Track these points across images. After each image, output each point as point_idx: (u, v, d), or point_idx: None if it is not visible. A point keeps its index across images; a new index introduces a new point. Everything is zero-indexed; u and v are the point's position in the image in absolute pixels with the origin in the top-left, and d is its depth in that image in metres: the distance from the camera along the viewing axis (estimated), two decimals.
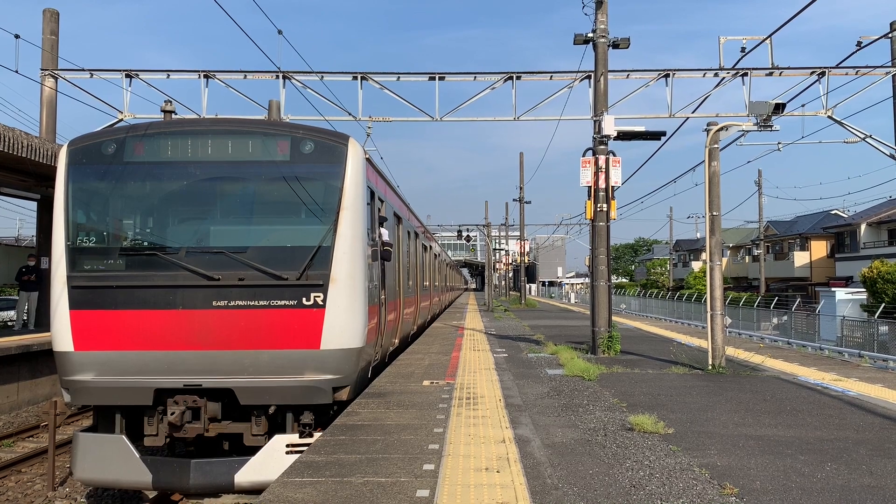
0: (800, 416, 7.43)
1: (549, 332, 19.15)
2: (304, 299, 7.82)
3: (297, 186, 8.11)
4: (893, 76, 17.94)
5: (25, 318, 18.43)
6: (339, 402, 8.07)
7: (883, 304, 27.71)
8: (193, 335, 7.75)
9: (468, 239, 60.22)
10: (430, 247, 22.64)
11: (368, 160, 9.03)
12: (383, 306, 10.23)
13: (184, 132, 8.39)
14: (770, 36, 15.25)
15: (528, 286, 61.04)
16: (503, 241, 64.99)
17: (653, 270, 77.05)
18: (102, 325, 7.81)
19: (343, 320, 7.93)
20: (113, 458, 7.72)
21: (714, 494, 4.77)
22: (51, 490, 8.98)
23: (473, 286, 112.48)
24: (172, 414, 7.59)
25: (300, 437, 7.77)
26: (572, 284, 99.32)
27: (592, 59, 13.90)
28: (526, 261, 52.26)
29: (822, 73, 18.35)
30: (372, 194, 9.29)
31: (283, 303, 7.80)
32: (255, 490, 7.09)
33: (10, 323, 20.23)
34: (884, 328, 24.49)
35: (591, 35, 13.71)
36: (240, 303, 7.80)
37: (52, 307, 7.98)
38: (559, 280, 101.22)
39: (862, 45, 16.10)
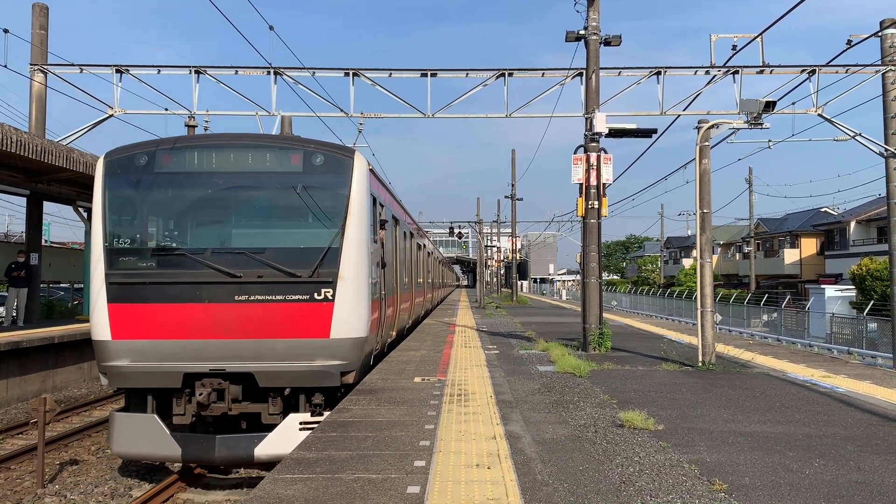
0: (789, 413, 7.48)
1: (540, 329, 19.18)
2: (315, 294, 8.78)
3: (308, 194, 9.10)
4: (883, 74, 18.02)
5: (14, 314, 18.32)
6: (345, 385, 8.99)
7: (872, 302, 27.91)
8: (218, 325, 8.66)
9: (460, 236, 60.28)
10: (424, 245, 23.39)
11: (371, 170, 9.96)
12: (383, 301, 11.08)
13: (208, 146, 9.36)
14: (761, 34, 15.29)
15: (519, 283, 61.05)
16: (495, 237, 64.99)
17: (644, 267, 77.32)
18: (137, 316, 8.72)
19: (349, 313, 8.88)
20: (146, 435, 8.66)
21: (703, 490, 4.80)
22: (40, 487, 8.93)
23: (465, 283, 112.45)
24: (201, 395, 8.47)
25: (312, 415, 8.70)
26: (564, 281, 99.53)
27: (584, 57, 13.91)
28: (518, 258, 52.29)
29: (813, 72, 18.41)
30: (374, 200, 10.18)
31: (296, 297, 8.76)
32: (272, 462, 7.52)
33: None
34: (872, 325, 24.68)
35: (582, 32, 13.70)
36: (259, 297, 8.73)
37: (92, 301, 8.89)
38: (551, 277, 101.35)
39: (852, 44, 16.12)
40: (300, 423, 8.57)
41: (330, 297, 8.78)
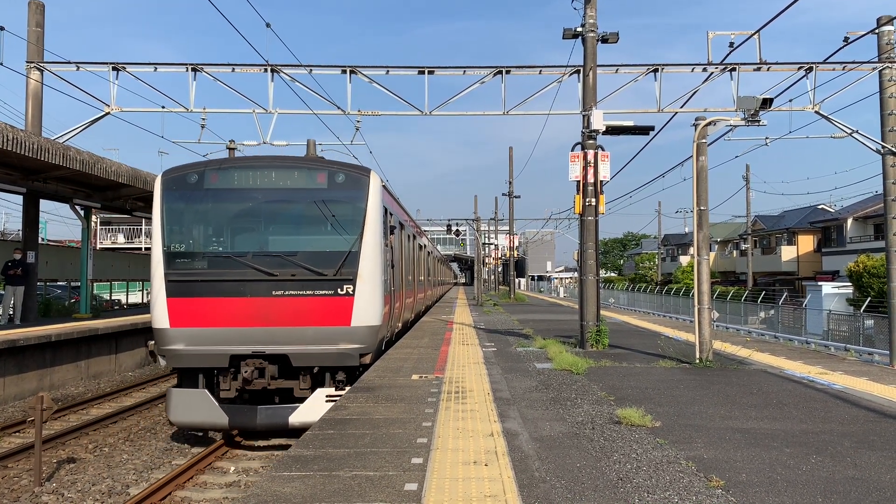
0: (786, 410, 7.49)
1: (537, 327, 19.19)
2: (338, 290, 10.47)
3: (333, 207, 10.82)
4: (880, 71, 18.02)
5: (11, 312, 18.27)
6: (363, 365, 10.59)
7: (869, 299, 27.94)
8: (258, 316, 10.32)
9: (458, 233, 60.25)
10: (424, 245, 25.05)
11: (384, 186, 11.68)
12: (392, 296, 12.74)
13: (248, 166, 11.11)
14: (758, 31, 15.32)
15: (517, 280, 61.06)
16: (493, 235, 65.00)
17: (641, 265, 77.33)
18: (191, 308, 10.36)
19: (366, 305, 10.58)
20: (198, 407, 10.30)
21: (700, 487, 4.81)
22: (37, 485, 8.91)
23: (463, 280, 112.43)
24: (246, 372, 10.03)
25: (335, 389, 10.27)
26: (561, 279, 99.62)
27: (582, 54, 13.90)
28: (515, 255, 52.29)
29: (810, 69, 18.40)
30: (385, 211, 11.79)
31: (323, 292, 10.47)
32: (303, 428, 8.35)
33: None
34: (869, 322, 24.72)
35: (580, 29, 13.69)
36: (292, 292, 10.44)
37: (153, 296, 10.62)
38: (548, 274, 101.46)
39: (849, 41, 16.11)
40: (326, 396, 10.17)
41: (350, 292, 10.49)
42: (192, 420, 10.54)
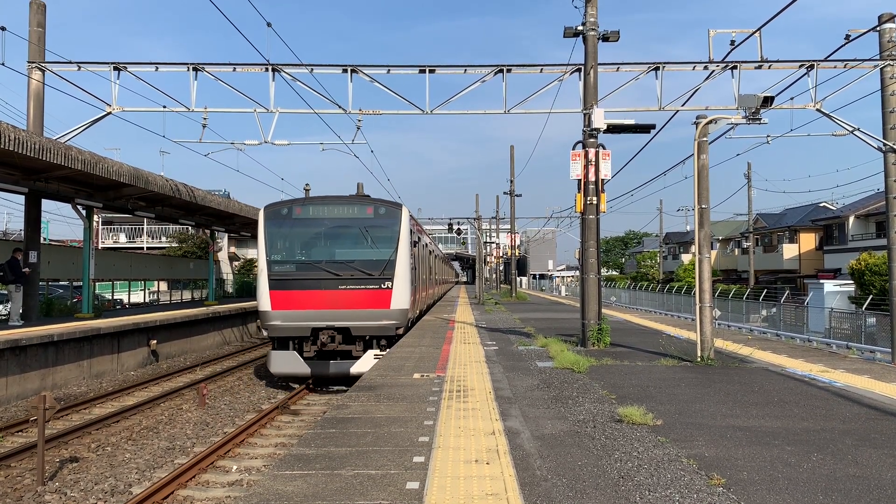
0: (787, 408, 7.49)
1: (539, 325, 19.20)
2: (381, 285, 15.60)
3: (377, 230, 16.15)
4: (881, 69, 17.98)
5: (21, 311, 18.21)
6: (397, 335, 15.56)
7: (870, 296, 27.89)
8: (329, 302, 15.45)
9: (459, 232, 60.22)
10: (432, 251, 30.34)
11: (410, 216, 16.97)
12: (415, 290, 17.60)
13: (321, 203, 16.46)
14: (759, 29, 15.29)
15: (518, 279, 61.05)
16: (494, 234, 64.92)
17: (643, 263, 77.28)
18: (285, 297, 15.53)
19: (400, 295, 15.66)
20: (290, 362, 15.64)
21: (701, 485, 4.81)
22: (40, 485, 8.93)
23: (464, 279, 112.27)
24: (323, 338, 15.44)
25: (380, 351, 15.39)
26: (563, 277, 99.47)
27: (583, 52, 13.88)
28: (517, 254, 52.26)
29: (811, 66, 18.36)
30: (410, 231, 16.76)
31: (372, 287, 15.58)
32: (358, 376, 12.15)
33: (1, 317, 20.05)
34: (871, 320, 24.66)
35: (580, 28, 13.68)
36: (351, 287, 15.54)
37: (259, 289, 15.82)
38: (550, 273, 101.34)
39: (850, 39, 16.07)
40: (374, 355, 15.18)
41: (389, 287, 15.58)
42: (286, 371, 15.71)
